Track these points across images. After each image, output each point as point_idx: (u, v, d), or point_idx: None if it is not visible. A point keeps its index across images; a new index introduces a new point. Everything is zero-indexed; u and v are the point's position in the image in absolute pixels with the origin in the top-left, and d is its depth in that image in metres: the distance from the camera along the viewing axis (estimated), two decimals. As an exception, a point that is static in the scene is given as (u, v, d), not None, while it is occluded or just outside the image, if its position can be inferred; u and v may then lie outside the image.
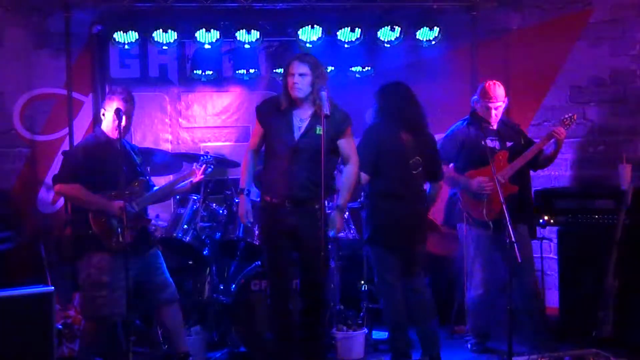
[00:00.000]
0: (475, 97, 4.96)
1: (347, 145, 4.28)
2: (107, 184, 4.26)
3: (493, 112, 4.87)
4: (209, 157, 4.75)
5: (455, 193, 5.04)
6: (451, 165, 4.96)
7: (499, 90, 4.88)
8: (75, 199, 4.37)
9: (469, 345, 5.10)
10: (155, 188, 4.61)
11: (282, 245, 4.27)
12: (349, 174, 4.28)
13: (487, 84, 4.91)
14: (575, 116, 4.88)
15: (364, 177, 4.48)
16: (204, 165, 4.67)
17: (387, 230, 4.55)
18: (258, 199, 5.30)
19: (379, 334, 5.26)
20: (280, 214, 4.20)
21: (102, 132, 4.41)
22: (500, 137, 4.90)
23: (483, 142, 4.75)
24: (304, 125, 4.20)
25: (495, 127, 4.93)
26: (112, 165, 4.23)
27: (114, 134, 4.31)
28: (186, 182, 4.67)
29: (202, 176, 4.70)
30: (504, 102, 4.92)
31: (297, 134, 4.19)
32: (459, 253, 5.21)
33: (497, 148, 4.86)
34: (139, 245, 4.34)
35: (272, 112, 4.27)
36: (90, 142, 4.43)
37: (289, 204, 4.17)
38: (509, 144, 4.91)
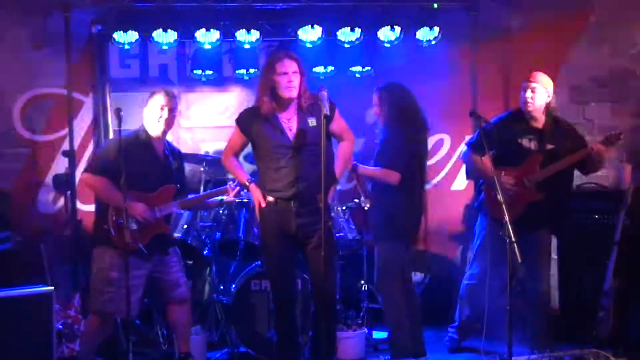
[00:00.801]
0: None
1: (339, 125, 4.27)
2: (135, 185, 4.20)
3: (528, 93, 4.64)
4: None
5: (482, 182, 4.91)
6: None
7: (540, 76, 4.69)
8: (99, 191, 4.34)
9: (447, 339, 5.11)
10: (190, 196, 4.60)
11: (287, 248, 4.22)
12: (344, 147, 4.31)
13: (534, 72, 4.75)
14: (621, 134, 4.59)
15: (396, 176, 4.48)
16: (238, 187, 4.58)
17: (410, 228, 4.64)
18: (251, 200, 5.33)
19: (379, 334, 5.26)
20: (286, 215, 4.13)
21: (144, 130, 4.41)
22: (541, 137, 4.66)
23: (518, 140, 4.66)
24: (294, 123, 4.13)
25: (540, 125, 4.71)
26: (144, 168, 4.24)
27: (156, 131, 4.36)
28: (217, 198, 4.65)
29: (234, 197, 4.64)
30: (545, 89, 4.65)
31: (290, 134, 4.13)
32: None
33: (533, 149, 4.66)
34: (154, 249, 4.33)
35: (256, 120, 4.17)
36: (128, 139, 4.36)
37: (295, 205, 4.11)
38: (549, 146, 4.66)
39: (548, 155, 4.63)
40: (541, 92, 4.66)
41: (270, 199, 4.18)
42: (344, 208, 5.23)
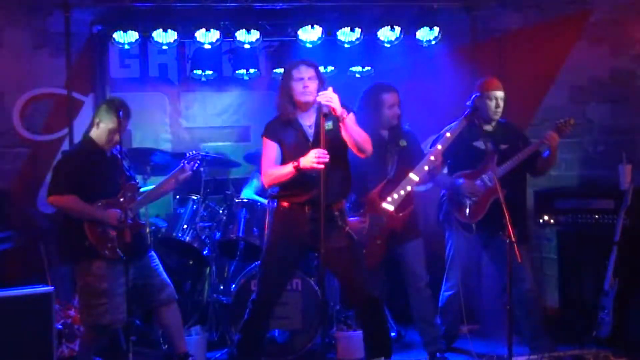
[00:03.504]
0: (476, 93, 4.78)
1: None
2: (100, 193, 4.24)
3: (493, 103, 4.71)
4: (195, 153, 4.62)
5: (443, 194, 4.93)
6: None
7: (494, 83, 4.77)
8: (71, 210, 4.27)
9: None
10: (148, 188, 4.58)
11: (291, 254, 4.19)
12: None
13: (486, 78, 4.83)
14: (572, 120, 4.70)
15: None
16: (191, 162, 4.55)
17: None
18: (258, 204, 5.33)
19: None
20: (300, 220, 4.08)
21: (91, 141, 4.34)
22: (494, 139, 4.74)
23: (473, 144, 4.72)
24: (313, 128, 4.12)
25: (491, 128, 4.80)
26: (103, 174, 4.22)
27: (103, 145, 4.30)
28: (175, 179, 4.53)
29: (191, 172, 4.56)
30: (502, 93, 4.75)
31: (312, 139, 4.09)
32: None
33: (488, 150, 4.69)
34: (136, 250, 4.30)
35: (280, 127, 4.16)
36: (79, 151, 4.40)
37: (309, 210, 4.07)
38: (503, 146, 4.76)
39: (503, 154, 4.70)
40: (504, 100, 4.77)
41: (284, 204, 4.15)
42: (343, 209, 5.21)
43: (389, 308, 5.42)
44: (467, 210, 4.67)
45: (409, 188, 4.40)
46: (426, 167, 4.39)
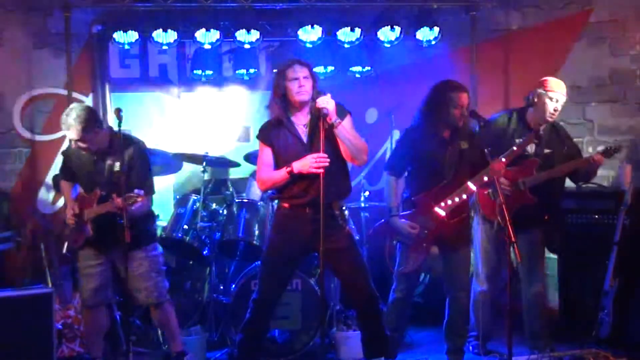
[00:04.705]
0: (537, 88, 4.60)
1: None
2: (82, 185, 4.45)
3: (552, 104, 4.53)
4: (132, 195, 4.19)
5: None
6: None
7: (560, 85, 4.60)
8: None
9: (470, 347, 5.02)
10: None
11: (292, 254, 4.18)
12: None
13: (547, 78, 4.64)
14: (620, 147, 4.67)
15: None
16: (123, 201, 4.14)
17: None
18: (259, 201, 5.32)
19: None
20: (300, 221, 4.07)
21: None
22: (539, 141, 4.57)
23: (517, 141, 4.50)
24: (308, 128, 4.10)
25: (540, 129, 4.60)
26: (82, 170, 4.41)
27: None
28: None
29: (117, 208, 4.21)
30: (564, 98, 4.59)
31: (305, 138, 4.08)
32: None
33: (531, 153, 4.59)
34: (105, 245, 4.35)
35: (273, 129, 4.13)
36: (71, 145, 4.56)
37: (310, 211, 4.04)
38: (546, 150, 4.61)
39: (544, 160, 4.60)
40: (564, 101, 4.61)
41: (285, 205, 4.14)
42: (343, 208, 5.21)
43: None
44: (500, 208, 4.49)
45: (464, 196, 4.26)
46: (486, 178, 4.18)
